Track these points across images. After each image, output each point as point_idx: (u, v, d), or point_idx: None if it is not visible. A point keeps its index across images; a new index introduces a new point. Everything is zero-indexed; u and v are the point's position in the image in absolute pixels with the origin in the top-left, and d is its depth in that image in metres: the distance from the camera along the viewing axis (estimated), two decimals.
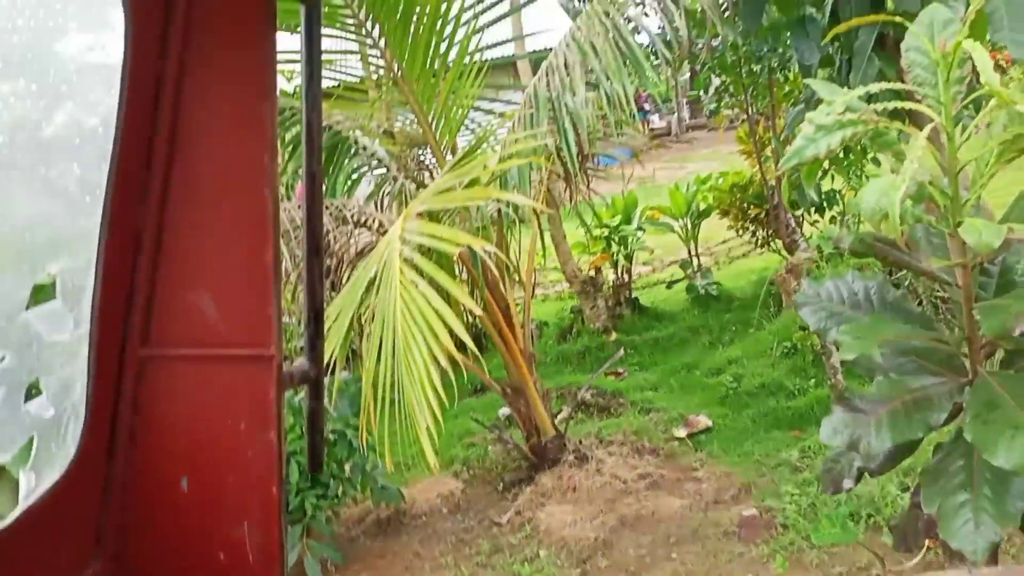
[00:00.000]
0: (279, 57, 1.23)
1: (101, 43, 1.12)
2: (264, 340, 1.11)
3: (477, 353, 3.20)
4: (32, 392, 1.09)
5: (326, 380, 3.33)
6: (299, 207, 3.74)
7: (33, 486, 1.05)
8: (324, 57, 4.34)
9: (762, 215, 7.87)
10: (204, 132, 1.14)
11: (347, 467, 3.78)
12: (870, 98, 2.39)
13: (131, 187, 1.11)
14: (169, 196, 1.14)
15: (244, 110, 1.13)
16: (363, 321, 3.23)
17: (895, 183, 1.85)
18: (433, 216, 3.42)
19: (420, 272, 2.77)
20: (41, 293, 1.12)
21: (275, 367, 1.10)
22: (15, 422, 1.06)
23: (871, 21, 3.17)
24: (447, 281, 2.78)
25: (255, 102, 1.12)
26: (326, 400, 3.45)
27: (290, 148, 4.40)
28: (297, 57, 1.34)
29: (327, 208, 3.74)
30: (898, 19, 2.32)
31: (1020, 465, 1.93)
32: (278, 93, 1.48)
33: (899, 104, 2.17)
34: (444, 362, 2.61)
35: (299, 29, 1.30)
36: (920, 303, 5.29)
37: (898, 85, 2.18)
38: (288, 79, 5.16)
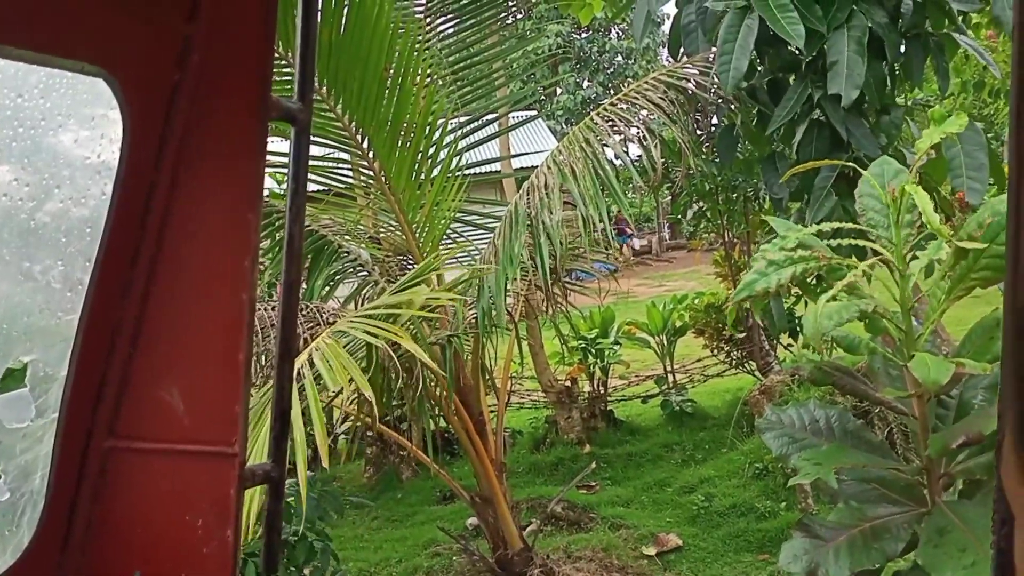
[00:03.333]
0: (273, 160, 1.31)
1: (94, 139, 1.20)
2: (228, 438, 1.14)
3: (426, 461, 3.20)
4: None
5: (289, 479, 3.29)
6: (274, 308, 3.79)
7: None
8: (315, 164, 4.51)
9: (737, 336, 8.00)
10: (190, 236, 1.20)
11: (306, 571, 3.68)
12: (833, 234, 2.52)
13: (114, 284, 1.16)
14: (150, 295, 1.19)
15: (231, 218, 1.20)
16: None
17: (820, 304, 1.95)
18: (392, 321, 3.49)
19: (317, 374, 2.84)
20: (10, 380, 1.15)
21: (238, 464, 1.13)
22: None
23: (830, 164, 3.38)
24: (354, 371, 2.83)
25: (242, 211, 1.19)
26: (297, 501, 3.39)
27: (276, 250, 4.50)
28: (286, 162, 1.42)
29: (303, 310, 3.80)
30: (852, 164, 2.50)
31: None
32: (268, 196, 1.56)
33: (853, 241, 2.30)
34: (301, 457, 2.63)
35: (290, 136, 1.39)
36: (890, 431, 5.34)
37: (853, 225, 2.31)
38: (279, 183, 5.31)
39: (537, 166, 4.52)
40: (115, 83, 1.12)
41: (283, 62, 3.90)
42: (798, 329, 7.66)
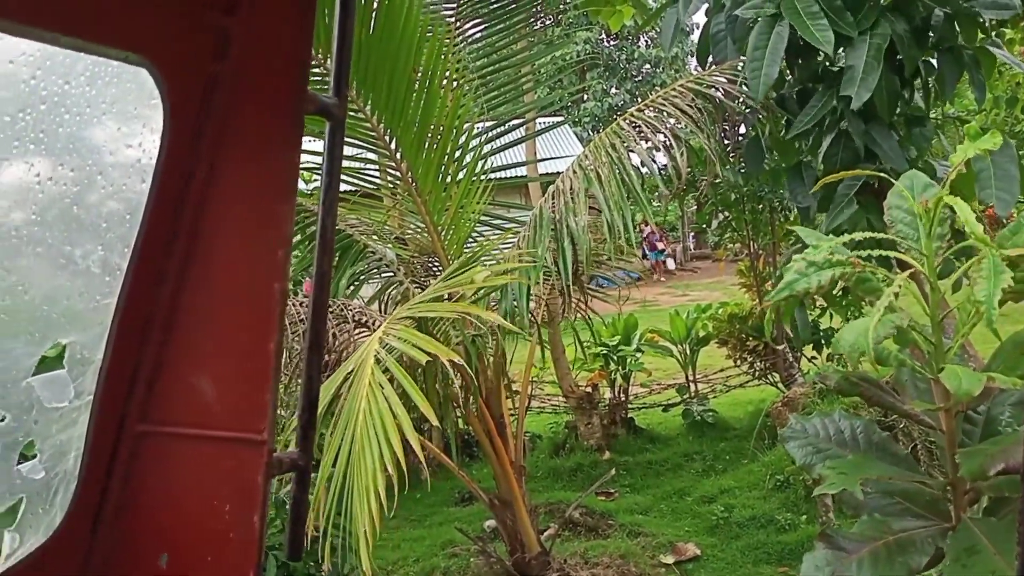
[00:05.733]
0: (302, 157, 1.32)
1: (136, 129, 1.22)
2: (257, 425, 1.15)
3: (447, 462, 3.21)
4: (26, 455, 1.13)
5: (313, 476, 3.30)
6: (301, 304, 3.82)
7: (16, 547, 1.08)
8: (344, 164, 4.55)
9: (760, 347, 7.94)
10: (225, 226, 1.22)
11: (324, 568, 3.70)
12: (858, 245, 2.51)
13: (150, 271, 1.18)
14: (185, 282, 1.21)
15: (265, 208, 1.21)
16: (331, 415, 3.25)
17: (871, 324, 1.93)
18: (424, 323, 3.50)
19: (389, 376, 2.84)
20: (49, 362, 1.18)
21: (265, 452, 1.14)
22: (6, 482, 1.10)
23: (858, 174, 3.35)
24: (411, 387, 2.83)
25: (276, 202, 1.21)
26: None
27: (303, 246, 4.54)
28: (317, 160, 1.44)
29: (330, 307, 3.83)
30: (881, 174, 2.48)
31: None
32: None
33: (883, 252, 2.28)
34: (392, 469, 2.62)
35: (322, 135, 1.41)
36: (915, 447, 5.27)
37: (883, 235, 2.30)
38: (307, 182, 5.36)
39: (563, 171, 4.52)
40: (157, 73, 1.14)
41: (313, 63, 3.94)
42: (822, 342, 7.60)
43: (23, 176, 1.13)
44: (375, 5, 3.94)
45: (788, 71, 4.48)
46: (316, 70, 4.02)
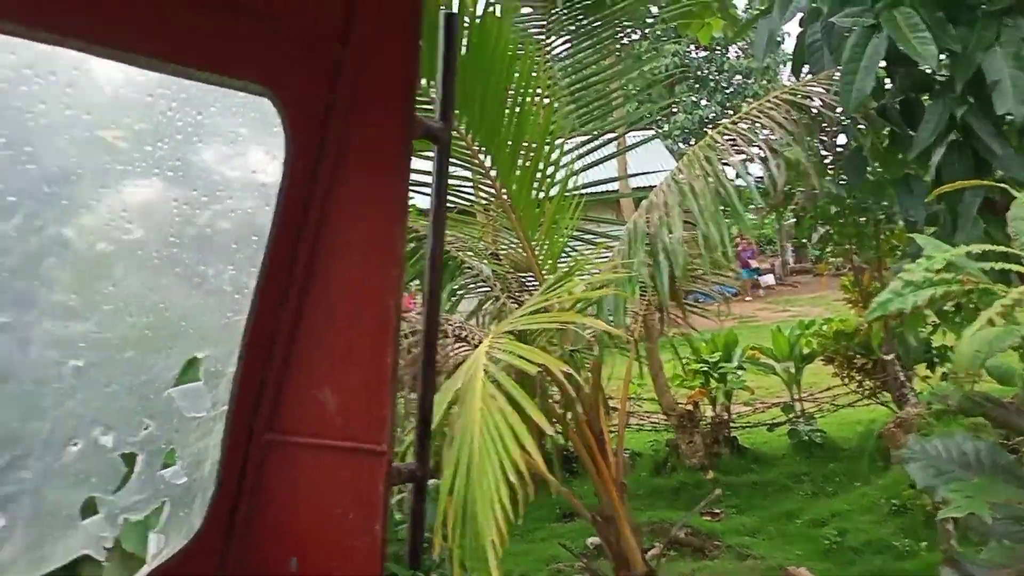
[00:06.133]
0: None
1: (259, 160, 1.30)
2: (378, 436, 1.19)
3: (549, 477, 3.17)
4: (167, 462, 1.21)
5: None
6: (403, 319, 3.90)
7: (161, 547, 1.15)
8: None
9: (869, 365, 7.61)
10: (342, 247, 1.28)
11: None
12: (979, 257, 2.39)
13: (275, 291, 1.25)
14: (305, 301, 1.27)
15: (378, 229, 1.27)
16: (445, 430, 3.29)
17: (972, 331, 1.83)
18: (523, 336, 3.52)
19: (500, 388, 2.85)
20: (187, 374, 1.26)
21: (386, 462, 1.18)
22: (151, 486, 1.18)
23: (975, 185, 3.19)
24: (523, 397, 2.84)
25: (388, 223, 1.26)
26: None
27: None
28: (415, 178, 1.48)
29: None
30: (1003, 185, 2.35)
31: None
32: None
33: (1007, 266, 2.16)
34: (514, 478, 2.62)
35: (424, 154, 1.46)
36: None
37: (1005, 248, 2.18)
38: None
39: (654, 186, 4.48)
40: (278, 103, 1.21)
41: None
42: (935, 360, 7.22)
43: (161, 201, 1.22)
44: (467, 26, 4.03)
45: (889, 80, 4.32)
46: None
